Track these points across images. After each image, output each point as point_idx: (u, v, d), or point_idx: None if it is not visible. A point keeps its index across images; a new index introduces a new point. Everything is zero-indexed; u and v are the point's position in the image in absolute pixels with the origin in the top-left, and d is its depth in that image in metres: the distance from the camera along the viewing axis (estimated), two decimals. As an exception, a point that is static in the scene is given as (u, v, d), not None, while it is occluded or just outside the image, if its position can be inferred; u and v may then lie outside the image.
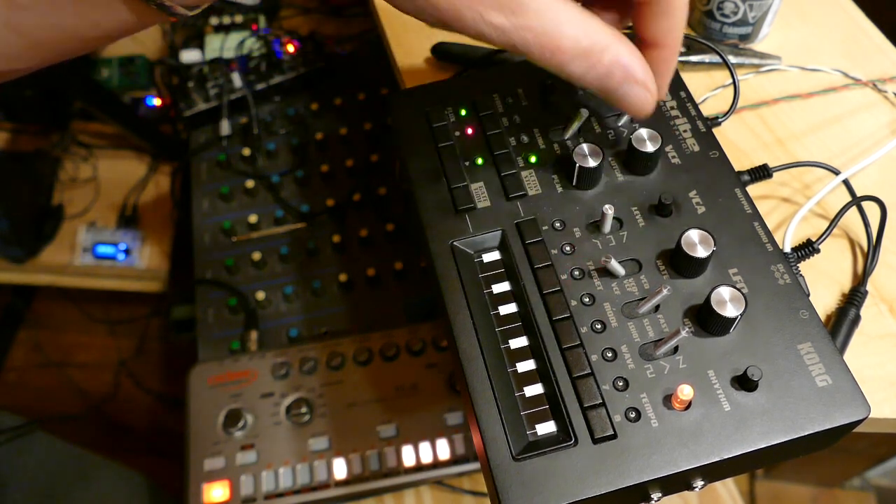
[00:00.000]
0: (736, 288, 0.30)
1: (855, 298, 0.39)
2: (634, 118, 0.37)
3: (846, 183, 0.43)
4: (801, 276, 0.35)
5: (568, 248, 0.34)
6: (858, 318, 0.39)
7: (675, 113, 0.38)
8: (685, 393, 0.28)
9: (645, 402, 0.29)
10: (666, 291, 0.30)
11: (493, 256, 0.35)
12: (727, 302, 0.29)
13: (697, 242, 0.31)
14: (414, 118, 0.40)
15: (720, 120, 0.40)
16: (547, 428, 0.30)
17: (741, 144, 0.48)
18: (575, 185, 0.36)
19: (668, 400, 0.29)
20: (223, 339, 0.71)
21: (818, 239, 0.39)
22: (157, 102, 1.05)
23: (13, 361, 1.37)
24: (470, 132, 0.39)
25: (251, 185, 0.81)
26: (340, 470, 0.58)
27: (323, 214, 0.78)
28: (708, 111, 0.45)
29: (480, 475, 0.63)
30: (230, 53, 0.88)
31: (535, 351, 0.32)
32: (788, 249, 0.39)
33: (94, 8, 0.25)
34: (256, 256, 0.75)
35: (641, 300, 0.32)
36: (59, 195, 1.12)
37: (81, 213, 1.11)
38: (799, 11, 0.56)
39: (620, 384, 0.30)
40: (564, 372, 0.30)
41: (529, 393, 0.31)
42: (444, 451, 0.59)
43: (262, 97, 0.87)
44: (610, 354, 0.31)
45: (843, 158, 0.47)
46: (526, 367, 0.31)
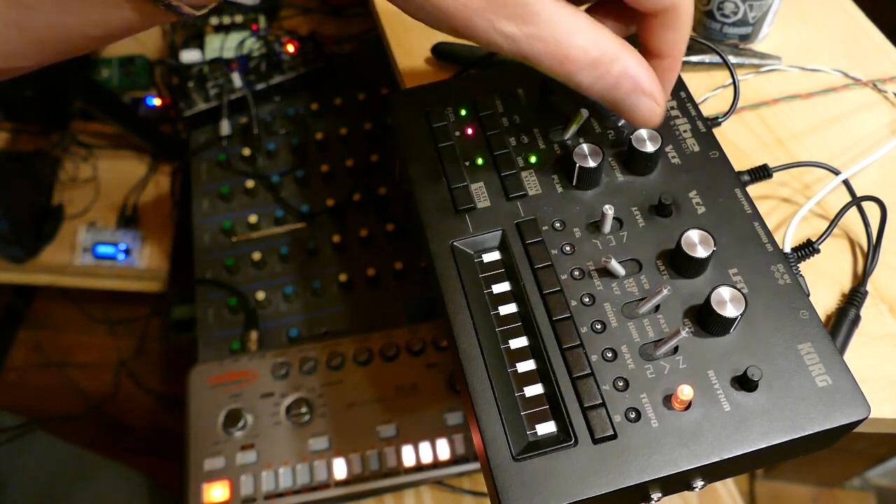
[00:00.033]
0: (736, 288, 0.30)
1: (855, 298, 0.39)
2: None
3: (846, 183, 0.43)
4: (801, 276, 0.35)
5: (568, 248, 0.34)
6: (858, 318, 0.39)
7: (675, 113, 0.38)
8: (685, 393, 0.28)
9: (645, 402, 0.29)
10: (666, 291, 0.30)
11: (493, 256, 0.35)
12: (727, 302, 0.29)
13: (697, 242, 0.31)
14: (414, 118, 0.40)
15: (720, 120, 0.40)
16: (547, 428, 0.30)
17: (741, 144, 0.48)
18: (575, 185, 0.36)
19: (668, 400, 0.29)
20: (223, 339, 0.71)
21: (818, 239, 0.39)
22: (157, 102, 1.05)
23: (13, 361, 1.37)
24: (470, 132, 0.39)
25: (251, 185, 0.81)
26: (340, 470, 0.58)
27: (323, 214, 0.78)
28: (708, 111, 0.45)
29: (480, 475, 0.63)
30: (230, 53, 0.88)
31: (535, 351, 0.32)
32: (788, 249, 0.39)
33: (100, 7, 0.25)
34: (256, 256, 0.75)
35: (641, 300, 0.32)
36: (59, 195, 1.12)
37: (81, 213, 1.11)
38: (799, 11, 0.56)
39: (620, 384, 0.30)
40: (564, 372, 0.30)
41: (529, 393, 0.31)
42: (444, 451, 0.59)
43: (262, 97, 0.87)
44: (610, 354, 0.31)
45: (843, 158, 0.47)
46: (526, 367, 0.31)
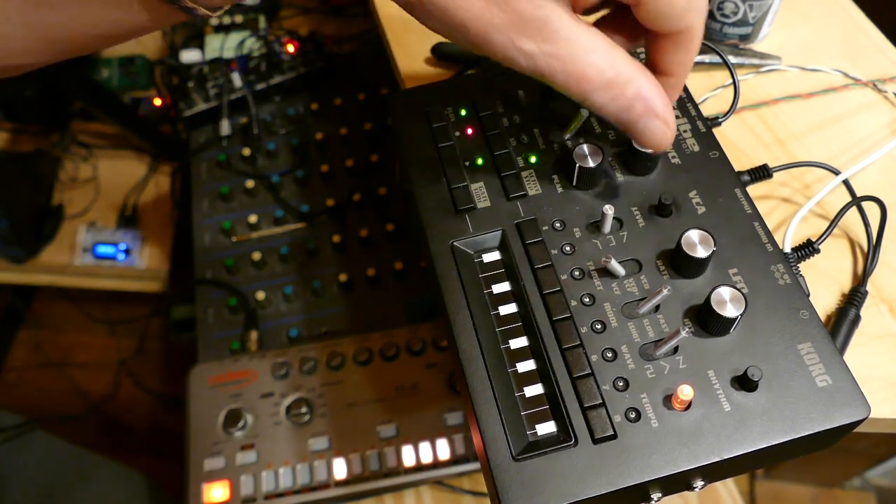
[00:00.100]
0: (736, 288, 0.30)
1: (855, 298, 0.39)
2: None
3: (846, 183, 0.43)
4: (801, 276, 0.35)
5: (568, 248, 0.34)
6: (858, 318, 0.39)
7: (675, 113, 0.38)
8: (685, 393, 0.28)
9: (645, 402, 0.29)
10: (666, 291, 0.30)
11: (493, 256, 0.35)
12: (727, 302, 0.29)
13: (697, 242, 0.31)
14: (414, 118, 0.40)
15: (720, 120, 0.40)
16: (547, 428, 0.30)
17: (741, 144, 0.48)
18: (575, 185, 0.36)
19: (668, 400, 0.29)
20: (223, 339, 0.71)
21: (818, 239, 0.39)
22: (157, 102, 1.05)
23: (13, 361, 1.37)
24: (470, 132, 0.39)
25: (251, 185, 0.81)
26: (340, 470, 0.58)
27: (323, 214, 0.78)
28: (708, 111, 0.45)
29: (480, 475, 0.63)
30: (230, 53, 0.88)
31: (535, 351, 0.32)
32: (788, 249, 0.39)
33: (116, 8, 0.25)
34: (256, 256, 0.75)
35: (641, 300, 0.32)
36: (59, 195, 1.12)
37: (81, 213, 1.11)
38: (799, 11, 0.56)
39: (620, 384, 0.30)
40: (564, 372, 0.30)
41: (529, 393, 0.31)
42: (444, 451, 0.59)
43: (262, 97, 0.87)
44: (610, 354, 0.31)
45: (843, 158, 0.47)
46: (526, 367, 0.31)
